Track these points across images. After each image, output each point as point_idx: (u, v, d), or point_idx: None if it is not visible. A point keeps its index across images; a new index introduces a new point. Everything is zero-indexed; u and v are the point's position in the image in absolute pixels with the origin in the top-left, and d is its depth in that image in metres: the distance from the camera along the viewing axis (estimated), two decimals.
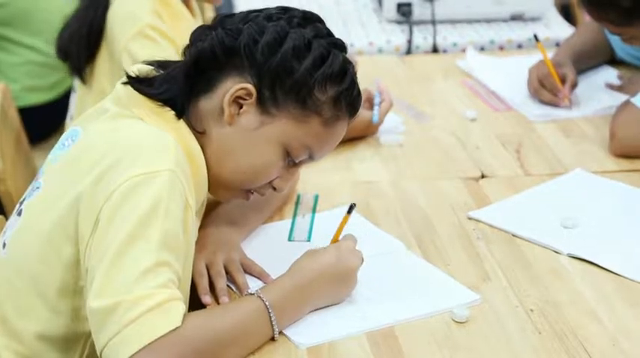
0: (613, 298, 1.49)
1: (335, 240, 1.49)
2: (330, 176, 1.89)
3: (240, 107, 1.40)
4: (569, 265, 1.58)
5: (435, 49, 2.61)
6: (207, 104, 1.42)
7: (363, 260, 1.47)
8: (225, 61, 1.40)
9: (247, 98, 1.39)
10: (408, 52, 2.60)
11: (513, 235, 1.66)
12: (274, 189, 1.46)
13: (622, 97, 2.17)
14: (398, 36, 2.64)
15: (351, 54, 2.29)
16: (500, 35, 2.65)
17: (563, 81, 2.19)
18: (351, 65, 1.44)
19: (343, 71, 1.41)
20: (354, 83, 1.43)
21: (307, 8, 2.78)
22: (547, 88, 2.20)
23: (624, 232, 1.66)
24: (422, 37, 2.62)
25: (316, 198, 1.79)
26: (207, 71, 1.41)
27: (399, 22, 2.69)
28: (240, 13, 1.46)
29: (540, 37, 2.61)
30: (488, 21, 2.73)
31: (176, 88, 1.42)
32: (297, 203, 1.77)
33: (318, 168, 1.89)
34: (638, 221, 1.70)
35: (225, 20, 1.44)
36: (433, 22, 2.63)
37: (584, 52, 2.30)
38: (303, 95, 1.39)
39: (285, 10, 1.45)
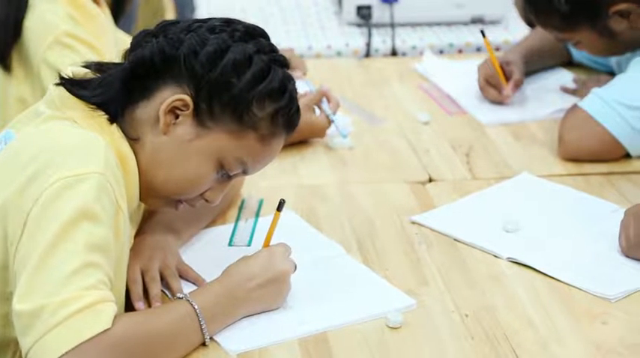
0: (548, 303, 1.49)
1: (267, 242, 1.48)
2: (276, 179, 1.89)
3: (177, 117, 1.39)
4: (508, 270, 1.58)
5: (394, 52, 2.60)
6: (143, 111, 1.41)
7: (295, 265, 1.47)
8: (164, 70, 1.39)
9: (184, 109, 1.38)
10: (367, 55, 2.59)
11: (455, 239, 1.66)
12: (206, 200, 1.45)
13: (575, 101, 2.18)
14: (357, 39, 2.63)
15: (298, 61, 2.29)
16: (459, 38, 2.65)
17: (509, 79, 2.20)
18: (291, 82, 1.43)
19: (283, 88, 1.41)
20: (293, 100, 1.43)
21: (268, 11, 2.86)
22: (493, 86, 2.20)
23: (565, 236, 1.66)
24: (381, 40, 2.62)
25: (260, 202, 1.78)
26: (146, 78, 1.40)
27: (358, 25, 2.68)
28: (184, 21, 1.45)
29: (500, 39, 2.64)
30: (448, 24, 2.72)
31: (112, 92, 1.41)
32: (240, 207, 1.76)
33: (264, 172, 1.86)
34: (579, 224, 1.69)
35: (168, 28, 1.43)
36: (392, 25, 2.63)
37: (537, 51, 2.30)
38: (240, 110, 1.38)
39: (229, 23, 1.43)
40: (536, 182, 1.86)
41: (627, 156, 1.95)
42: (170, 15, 2.83)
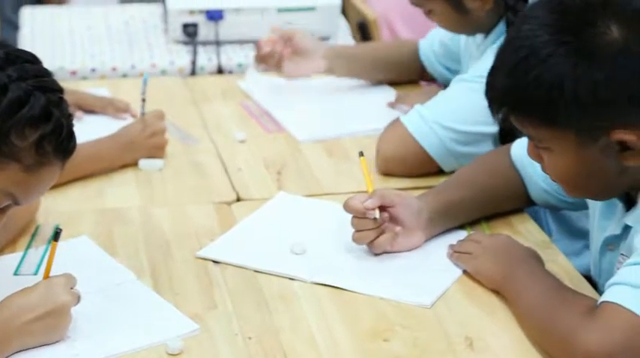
0: (334, 323, 1.49)
1: (47, 273, 1.43)
2: (77, 204, 1.84)
3: None
4: (300, 290, 1.57)
5: (220, 70, 2.58)
6: None
7: (79, 297, 1.42)
8: None
9: None
10: (193, 73, 2.56)
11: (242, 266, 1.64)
12: None
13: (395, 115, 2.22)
14: (183, 57, 2.60)
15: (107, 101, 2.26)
16: None
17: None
18: (60, 107, 1.37)
19: (46, 114, 1.34)
20: (61, 126, 1.36)
21: (95, 29, 2.79)
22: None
23: (353, 251, 1.65)
24: (207, 58, 2.60)
25: (55, 228, 1.72)
26: None
27: (185, 43, 2.65)
28: None
29: None
30: None
31: None
32: (34, 234, 1.71)
33: (64, 196, 1.85)
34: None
35: None
36: (217, 43, 2.61)
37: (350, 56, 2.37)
38: None
39: None
40: (295, 200, 1.86)
41: (441, 171, 1.97)
42: None
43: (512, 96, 1.38)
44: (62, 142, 1.38)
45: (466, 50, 2.18)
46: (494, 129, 1.93)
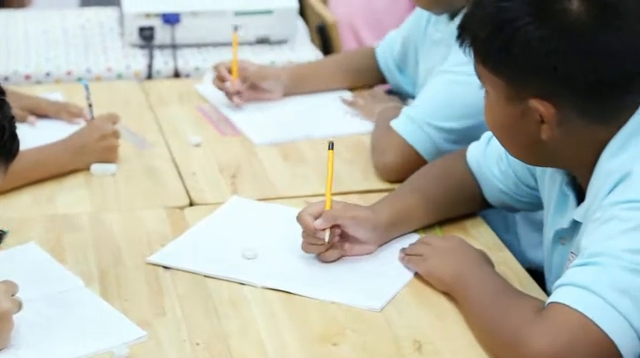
0: (284, 328, 1.47)
1: None
2: (27, 209, 1.81)
3: None
4: (250, 294, 1.56)
5: (176, 74, 2.56)
6: None
7: (20, 304, 1.40)
8: None
9: None
10: (149, 77, 2.54)
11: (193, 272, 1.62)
12: None
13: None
14: (139, 61, 2.58)
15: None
16: (245, 58, 2.62)
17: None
18: (1, 110, 1.35)
19: None
20: (2, 128, 1.35)
21: (50, 32, 2.75)
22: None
23: (299, 254, 1.64)
24: (163, 62, 2.57)
25: (0, 231, 1.70)
26: None
27: (141, 47, 2.63)
28: None
29: (284, 59, 2.64)
30: None
31: None
32: None
33: (15, 201, 1.82)
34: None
35: None
36: (174, 47, 2.59)
37: (304, 75, 2.35)
38: None
39: None
40: (248, 204, 1.84)
41: None
42: None
43: (467, 27, 1.42)
44: (4, 145, 1.36)
45: (425, 37, 2.14)
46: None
